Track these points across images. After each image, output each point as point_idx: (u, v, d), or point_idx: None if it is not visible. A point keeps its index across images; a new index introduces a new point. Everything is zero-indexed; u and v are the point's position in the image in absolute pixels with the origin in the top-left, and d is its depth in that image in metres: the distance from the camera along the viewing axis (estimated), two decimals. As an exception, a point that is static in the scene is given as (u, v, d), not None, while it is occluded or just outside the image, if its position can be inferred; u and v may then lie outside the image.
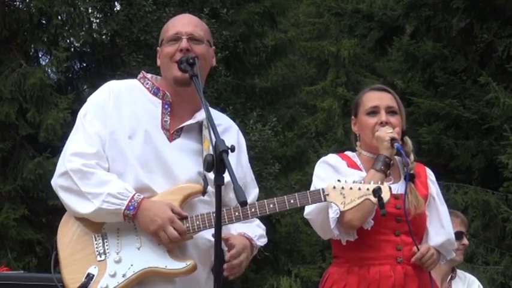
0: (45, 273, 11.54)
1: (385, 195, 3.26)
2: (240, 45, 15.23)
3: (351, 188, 3.26)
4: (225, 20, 14.62)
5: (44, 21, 13.81)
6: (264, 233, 3.39)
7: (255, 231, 3.33)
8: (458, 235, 4.66)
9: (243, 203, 2.75)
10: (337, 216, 3.49)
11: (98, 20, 14.90)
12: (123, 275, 3.13)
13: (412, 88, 11.26)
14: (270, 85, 17.40)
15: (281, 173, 15.94)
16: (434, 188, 3.76)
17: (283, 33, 19.26)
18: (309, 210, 3.57)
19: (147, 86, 3.35)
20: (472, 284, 5.12)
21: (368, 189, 3.26)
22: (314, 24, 26.00)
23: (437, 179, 3.86)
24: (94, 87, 3.48)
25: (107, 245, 3.18)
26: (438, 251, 3.68)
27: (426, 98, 10.75)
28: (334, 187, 3.26)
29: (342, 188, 3.26)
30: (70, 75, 14.84)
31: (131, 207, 3.12)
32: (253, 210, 3.21)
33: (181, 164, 3.23)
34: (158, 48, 3.37)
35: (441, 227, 3.68)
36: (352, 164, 3.68)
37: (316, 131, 25.03)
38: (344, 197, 3.25)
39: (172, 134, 3.27)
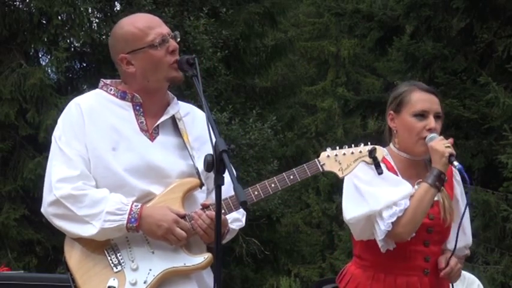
0: (45, 273, 11.59)
1: (379, 155, 3.30)
2: (240, 44, 15.21)
3: (344, 154, 3.31)
4: (225, 20, 14.60)
5: (44, 21, 13.78)
6: (241, 216, 3.34)
7: (231, 215, 3.28)
8: None
9: (243, 203, 2.75)
10: (389, 229, 3.39)
11: (98, 20, 14.87)
12: (145, 282, 3.13)
13: (412, 88, 11.26)
14: (270, 85, 17.37)
15: (281, 173, 15.89)
16: (459, 188, 3.62)
17: (283, 33, 19.23)
18: (351, 216, 3.48)
19: (112, 92, 3.30)
20: (472, 283, 5.09)
21: (361, 151, 3.31)
22: (314, 24, 26.01)
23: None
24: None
25: (120, 256, 3.16)
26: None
27: (426, 98, 10.74)
28: (328, 156, 3.31)
29: (336, 155, 3.31)
30: (70, 75, 14.80)
31: (132, 220, 3.11)
32: (256, 193, 3.23)
33: (170, 162, 3.22)
34: (126, 55, 3.25)
35: (462, 233, 3.57)
36: (389, 167, 3.52)
37: (316, 131, 25.04)
38: (340, 163, 3.30)
39: (152, 133, 3.25)
